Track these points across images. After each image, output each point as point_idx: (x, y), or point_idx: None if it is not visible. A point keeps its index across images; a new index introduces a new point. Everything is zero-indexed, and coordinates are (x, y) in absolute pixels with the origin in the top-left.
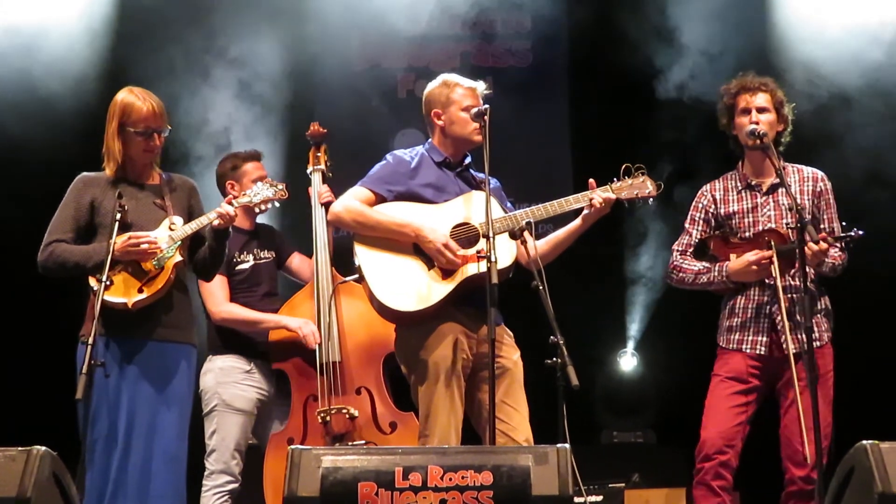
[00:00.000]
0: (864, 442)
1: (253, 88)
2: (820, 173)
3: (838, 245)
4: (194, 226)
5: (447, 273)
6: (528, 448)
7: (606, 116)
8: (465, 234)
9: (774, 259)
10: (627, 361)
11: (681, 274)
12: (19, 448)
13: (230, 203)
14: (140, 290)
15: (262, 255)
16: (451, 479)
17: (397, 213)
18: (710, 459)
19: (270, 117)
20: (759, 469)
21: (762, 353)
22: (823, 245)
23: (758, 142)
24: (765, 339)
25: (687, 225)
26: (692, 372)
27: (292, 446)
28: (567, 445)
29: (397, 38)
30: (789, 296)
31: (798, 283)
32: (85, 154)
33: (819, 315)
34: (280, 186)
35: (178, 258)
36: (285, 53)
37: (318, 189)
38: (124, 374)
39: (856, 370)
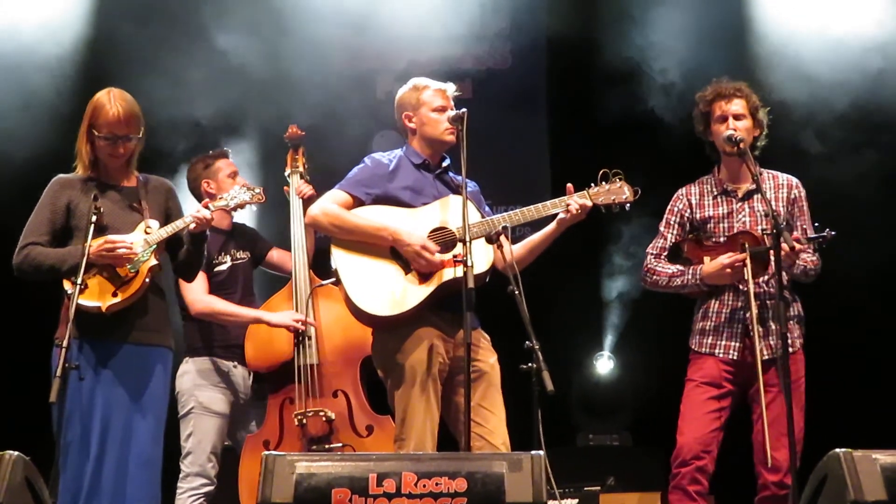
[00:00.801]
0: (838, 450)
1: (229, 90)
2: (795, 180)
3: (811, 247)
4: (170, 230)
5: (424, 277)
6: (502, 455)
7: (585, 119)
8: (442, 239)
9: (748, 262)
10: (604, 364)
11: (654, 277)
12: None
13: (206, 207)
14: (114, 294)
15: (239, 256)
16: (424, 486)
17: (374, 217)
18: (686, 465)
19: (247, 119)
20: (733, 474)
21: (734, 357)
22: (798, 246)
23: (735, 148)
24: (737, 343)
25: (662, 228)
26: (668, 375)
27: (266, 452)
28: (541, 452)
29: (376, 40)
30: (762, 301)
31: (772, 288)
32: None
33: (792, 321)
34: (257, 190)
35: (154, 262)
36: (262, 54)
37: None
38: (99, 377)
39: (826, 376)
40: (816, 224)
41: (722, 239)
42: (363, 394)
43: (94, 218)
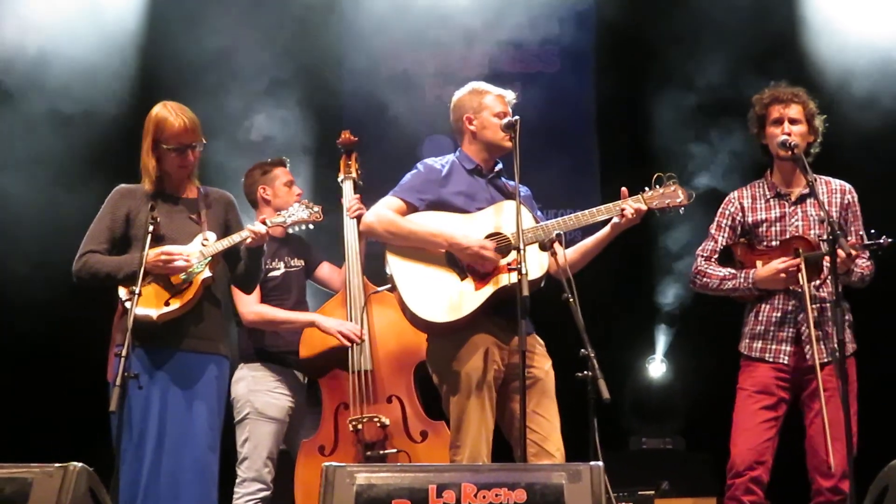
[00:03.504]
0: None
1: (282, 97)
2: (848, 185)
3: (867, 253)
4: (226, 243)
5: (480, 283)
6: (561, 466)
7: (635, 122)
8: (497, 245)
9: (802, 267)
10: (656, 368)
11: (704, 279)
12: (56, 464)
13: (263, 222)
14: (167, 303)
15: (293, 264)
16: (484, 497)
17: (429, 223)
18: (741, 476)
19: (300, 125)
20: (786, 479)
21: (785, 361)
22: (853, 252)
23: (789, 153)
24: (788, 348)
25: (713, 231)
26: (720, 378)
27: (326, 463)
28: (600, 463)
29: (424, 44)
30: (815, 305)
31: (822, 293)
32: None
33: (843, 326)
34: (316, 209)
35: (207, 274)
36: (314, 61)
37: (349, 197)
38: (154, 383)
39: (884, 383)
40: (873, 231)
41: (774, 243)
42: (417, 399)
43: (150, 228)
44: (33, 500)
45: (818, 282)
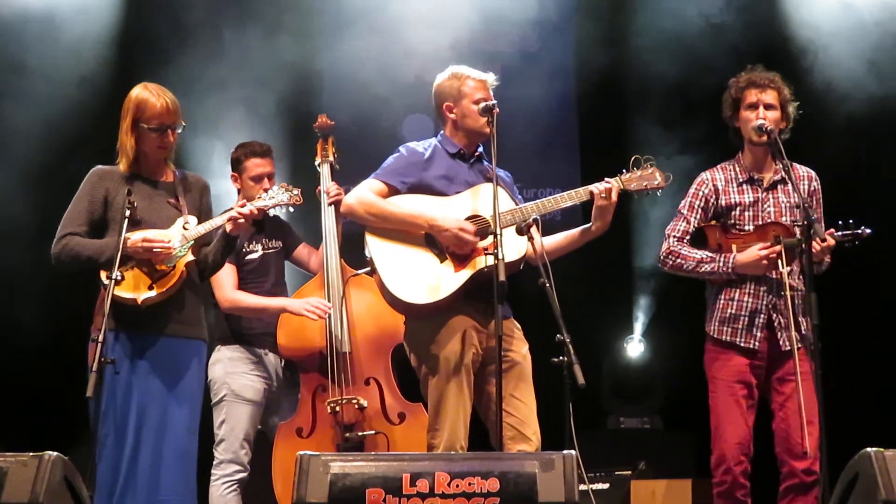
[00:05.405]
0: (868, 449)
1: (258, 79)
2: (812, 172)
3: (842, 242)
4: (208, 226)
5: (458, 265)
6: (534, 455)
7: (614, 102)
8: (477, 227)
9: (782, 253)
10: (634, 347)
11: (678, 260)
12: (31, 454)
13: (244, 207)
14: (150, 288)
15: (271, 245)
16: (457, 486)
17: (409, 205)
18: (730, 472)
19: (276, 109)
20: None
21: (755, 347)
22: (831, 241)
23: (764, 138)
24: (760, 334)
25: (684, 211)
26: (699, 357)
27: (300, 452)
28: (573, 452)
29: (402, 23)
30: (787, 293)
31: (793, 280)
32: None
33: (817, 312)
34: (296, 192)
35: (190, 257)
36: (290, 42)
37: (326, 182)
38: (134, 368)
39: (857, 373)
40: (850, 220)
41: (748, 227)
42: (395, 381)
43: (127, 212)
44: (7, 490)
45: (791, 268)
